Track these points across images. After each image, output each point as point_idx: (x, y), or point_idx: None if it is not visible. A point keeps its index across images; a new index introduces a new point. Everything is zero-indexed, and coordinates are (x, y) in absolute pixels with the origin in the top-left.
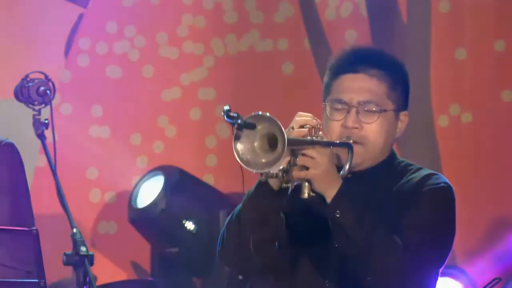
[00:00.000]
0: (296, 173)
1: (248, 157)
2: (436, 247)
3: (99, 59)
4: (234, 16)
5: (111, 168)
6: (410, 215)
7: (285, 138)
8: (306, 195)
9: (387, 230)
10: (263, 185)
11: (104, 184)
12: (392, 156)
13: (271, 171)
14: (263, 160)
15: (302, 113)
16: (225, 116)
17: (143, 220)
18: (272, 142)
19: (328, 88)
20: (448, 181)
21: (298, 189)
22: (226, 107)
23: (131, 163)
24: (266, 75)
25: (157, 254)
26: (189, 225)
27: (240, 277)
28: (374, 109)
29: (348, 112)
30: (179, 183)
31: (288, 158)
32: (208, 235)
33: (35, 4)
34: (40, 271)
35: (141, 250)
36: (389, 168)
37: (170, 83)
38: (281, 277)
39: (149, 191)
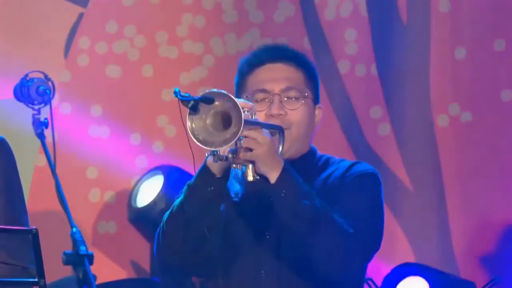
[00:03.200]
0: (243, 154)
1: (203, 136)
2: (372, 229)
3: (98, 59)
4: (234, 15)
5: (110, 168)
6: (341, 202)
7: (242, 114)
8: (251, 177)
9: (331, 212)
10: (205, 173)
11: (103, 183)
12: (312, 150)
13: (222, 154)
14: (219, 139)
15: (237, 98)
16: (178, 95)
17: (142, 220)
18: (225, 120)
19: (242, 85)
20: (373, 168)
21: (235, 183)
22: (176, 89)
23: (131, 163)
24: None
25: None
26: None
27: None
28: (296, 95)
29: (271, 101)
30: (179, 183)
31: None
32: None
33: (35, 4)
34: (40, 271)
35: (141, 250)
36: (310, 161)
37: (170, 82)
38: (213, 272)
39: (149, 191)
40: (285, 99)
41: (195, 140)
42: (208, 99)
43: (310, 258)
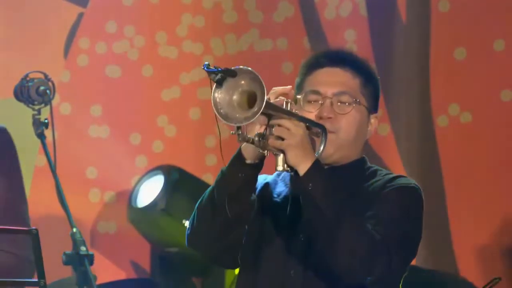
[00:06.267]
0: (272, 141)
1: (225, 110)
2: (403, 242)
3: (98, 59)
4: (234, 15)
5: (110, 168)
6: (377, 211)
7: (265, 94)
8: (281, 168)
9: (359, 212)
10: (238, 159)
11: (103, 183)
12: (363, 159)
13: (248, 135)
14: (241, 115)
15: (276, 87)
16: (205, 68)
17: (142, 220)
18: (251, 100)
19: (301, 85)
20: (416, 183)
21: (267, 186)
22: (206, 63)
23: (131, 163)
24: (266, 75)
25: (157, 254)
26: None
27: None
28: (348, 100)
29: (323, 103)
30: (179, 183)
31: (264, 126)
32: None
33: (35, 4)
34: (40, 271)
35: (141, 250)
36: (358, 169)
37: (170, 82)
38: (245, 267)
39: (149, 191)
40: (338, 103)
41: (216, 113)
42: (231, 72)
43: (332, 258)
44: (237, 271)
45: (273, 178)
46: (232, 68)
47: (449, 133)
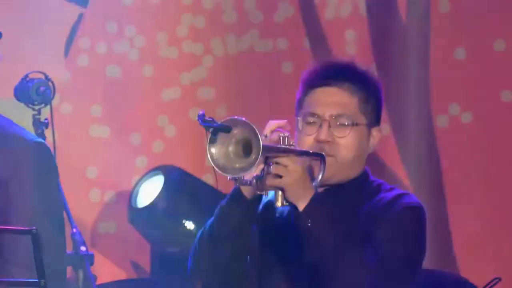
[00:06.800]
0: (270, 181)
1: (222, 162)
2: (407, 264)
3: (99, 59)
4: (234, 16)
5: (111, 168)
6: (381, 233)
7: (260, 143)
8: (280, 204)
9: (359, 244)
10: (237, 195)
11: (104, 183)
12: (365, 174)
13: (245, 178)
14: (237, 165)
15: (273, 120)
16: (200, 120)
17: (143, 220)
18: (246, 148)
19: (301, 103)
20: (419, 202)
21: (267, 206)
22: (201, 112)
23: (131, 163)
24: (266, 75)
25: (157, 254)
26: (189, 225)
27: None
28: (346, 122)
29: (321, 126)
30: (179, 183)
31: (261, 166)
32: None
33: (35, 4)
34: (40, 271)
35: (141, 250)
36: (361, 186)
37: (170, 82)
38: None
39: (149, 191)
40: (337, 124)
41: (214, 166)
42: (225, 128)
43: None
44: None
45: (274, 194)
46: (226, 122)
47: (449, 133)
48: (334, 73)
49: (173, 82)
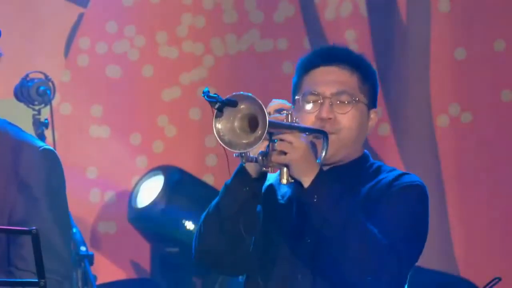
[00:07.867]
0: (275, 158)
1: (228, 137)
2: (410, 242)
3: (99, 59)
4: (234, 15)
5: (110, 168)
6: (383, 211)
7: (266, 118)
8: (285, 181)
9: (365, 219)
10: (241, 173)
11: (104, 183)
12: (365, 156)
13: (251, 155)
14: (244, 141)
15: (276, 99)
16: (205, 96)
17: (143, 220)
18: (252, 123)
19: (298, 85)
20: (421, 180)
21: (269, 189)
22: (206, 89)
23: (131, 163)
24: (266, 75)
25: (157, 254)
26: (189, 225)
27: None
28: (347, 99)
29: (322, 103)
30: (179, 183)
31: (266, 142)
32: None
33: (35, 4)
34: (40, 271)
35: (141, 250)
36: (362, 167)
37: (170, 82)
38: (252, 272)
39: (149, 191)
40: (337, 102)
41: (220, 142)
42: (232, 102)
43: (341, 266)
44: None
45: (276, 178)
46: (232, 97)
47: (449, 133)
48: (332, 53)
49: (173, 82)
